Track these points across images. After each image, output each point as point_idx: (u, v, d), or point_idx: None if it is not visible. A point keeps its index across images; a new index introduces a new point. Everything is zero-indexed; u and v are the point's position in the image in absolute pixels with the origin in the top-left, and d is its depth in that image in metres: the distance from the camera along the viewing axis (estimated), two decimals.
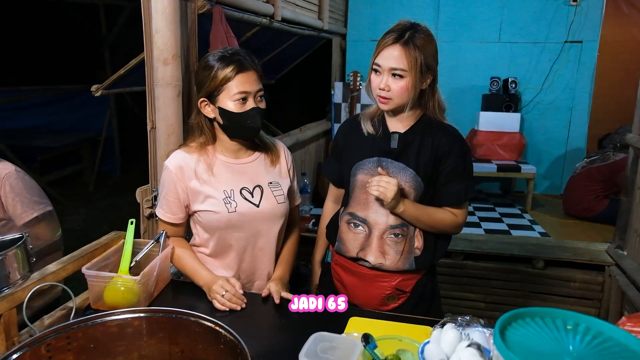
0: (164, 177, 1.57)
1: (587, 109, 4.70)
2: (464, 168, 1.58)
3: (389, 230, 1.57)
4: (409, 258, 1.59)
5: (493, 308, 3.16)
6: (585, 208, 3.98)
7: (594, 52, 4.60)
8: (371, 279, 1.62)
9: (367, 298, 1.64)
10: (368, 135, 1.60)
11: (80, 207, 5.37)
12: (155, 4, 1.86)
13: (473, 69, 4.83)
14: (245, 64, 1.46)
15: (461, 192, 1.57)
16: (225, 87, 1.45)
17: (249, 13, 2.76)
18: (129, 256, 1.51)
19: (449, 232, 1.65)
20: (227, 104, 1.46)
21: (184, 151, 1.58)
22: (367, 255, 1.60)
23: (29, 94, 6.10)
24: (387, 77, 1.47)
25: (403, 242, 1.58)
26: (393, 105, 1.50)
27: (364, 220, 1.60)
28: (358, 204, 1.61)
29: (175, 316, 1.16)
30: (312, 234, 3.41)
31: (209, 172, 1.55)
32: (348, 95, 4.62)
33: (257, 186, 1.59)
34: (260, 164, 1.63)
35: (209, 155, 1.57)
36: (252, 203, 1.57)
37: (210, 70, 1.46)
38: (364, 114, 1.64)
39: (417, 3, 4.86)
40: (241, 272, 1.65)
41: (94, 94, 2.51)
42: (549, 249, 3.19)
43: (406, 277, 1.61)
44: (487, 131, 4.63)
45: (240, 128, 1.51)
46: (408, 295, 1.64)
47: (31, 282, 1.27)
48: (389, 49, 1.46)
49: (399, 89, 1.47)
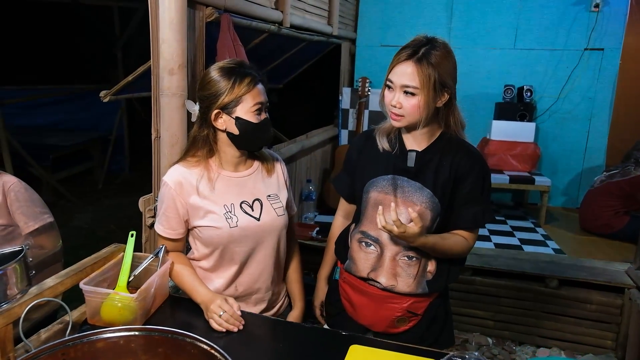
0: (163, 192, 1.55)
1: (608, 120, 4.56)
2: (482, 190, 1.53)
3: (402, 252, 1.53)
4: (422, 282, 1.55)
5: (502, 327, 3.06)
6: (603, 224, 3.81)
7: (615, 60, 4.46)
8: (382, 300, 1.57)
9: (376, 319, 1.60)
10: (383, 152, 1.55)
11: (88, 204, 5.42)
12: (163, 14, 1.84)
13: (486, 76, 4.74)
14: (257, 77, 1.51)
15: (478, 216, 1.52)
16: (243, 99, 1.48)
17: (257, 20, 2.73)
18: (127, 271, 1.48)
19: (458, 257, 1.60)
20: (246, 115, 1.49)
21: (183, 166, 1.55)
22: (378, 277, 1.55)
23: (43, 92, 6.17)
24: (399, 94, 1.43)
25: (417, 266, 1.53)
26: (405, 122, 1.46)
27: (376, 239, 1.55)
28: (370, 222, 1.56)
29: (171, 336, 1.15)
30: (315, 242, 3.42)
31: (210, 187, 1.54)
32: (356, 101, 4.56)
33: (256, 199, 1.59)
34: (258, 176, 1.63)
35: (210, 169, 1.55)
36: (253, 217, 1.56)
37: (226, 82, 1.48)
38: (380, 129, 1.59)
39: (429, 8, 4.79)
40: (239, 285, 1.63)
41: (103, 99, 2.50)
42: (564, 268, 3.08)
43: (418, 300, 1.57)
44: (500, 140, 4.52)
45: (254, 138, 1.53)
46: (420, 317, 1.59)
47: (29, 297, 1.25)
48: (402, 65, 1.42)
49: (411, 107, 1.42)
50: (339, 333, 1.47)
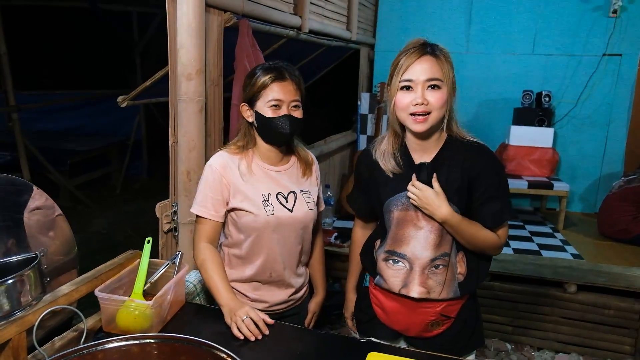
0: (207, 176, 1.61)
1: (626, 125, 4.53)
2: (499, 186, 1.48)
3: (429, 264, 1.50)
4: (453, 285, 1.52)
5: (520, 332, 3.05)
6: (622, 229, 3.80)
7: (634, 66, 4.43)
8: (415, 306, 1.55)
9: (410, 324, 1.58)
10: (393, 174, 1.52)
11: (107, 209, 5.44)
12: (181, 19, 1.84)
13: (505, 81, 4.71)
14: (284, 73, 1.56)
15: (497, 213, 1.47)
16: (262, 94, 1.56)
17: (276, 26, 2.73)
18: (143, 277, 1.48)
19: (490, 253, 1.55)
20: (263, 109, 1.56)
21: (226, 152, 1.64)
22: (410, 292, 1.52)
23: (61, 97, 6.23)
24: (422, 90, 1.38)
25: (445, 272, 1.51)
26: (431, 121, 1.40)
27: (404, 255, 1.53)
28: (395, 241, 1.53)
29: (188, 344, 1.15)
30: (334, 248, 3.39)
31: (250, 175, 1.62)
32: (375, 106, 4.55)
33: (291, 192, 1.67)
34: (293, 173, 1.71)
35: (249, 157, 1.64)
36: (287, 208, 1.64)
37: (252, 78, 1.59)
38: (378, 152, 1.54)
39: (448, 13, 4.78)
40: (273, 271, 1.67)
41: (120, 104, 2.50)
42: (582, 273, 3.05)
43: (451, 303, 1.55)
44: (519, 146, 4.49)
45: (271, 132, 1.59)
46: (453, 320, 1.57)
47: (43, 304, 1.25)
48: (420, 61, 1.39)
49: (437, 101, 1.38)
50: (357, 340, 1.45)
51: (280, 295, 1.71)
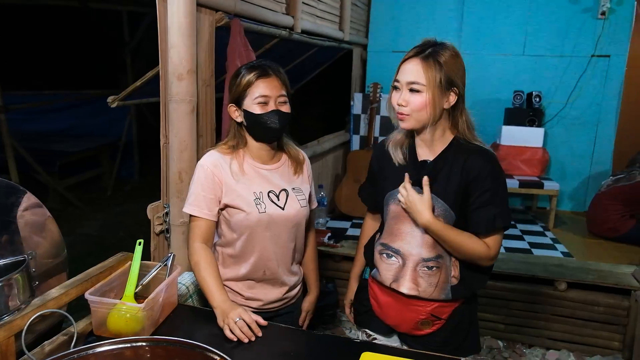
0: (199, 175, 1.61)
1: (614, 125, 4.57)
2: (496, 192, 1.46)
3: (422, 262, 1.52)
4: (445, 288, 1.53)
5: (513, 330, 3.08)
6: (610, 228, 3.85)
7: (621, 67, 4.47)
8: (407, 302, 1.57)
9: (401, 320, 1.61)
10: (399, 164, 1.55)
11: (97, 211, 5.38)
12: (172, 19, 1.83)
13: (496, 82, 4.73)
14: (267, 70, 1.57)
15: (491, 219, 1.45)
16: (249, 92, 1.56)
17: (268, 25, 2.72)
18: (134, 280, 1.46)
19: (479, 263, 1.51)
20: (251, 107, 1.56)
21: (217, 151, 1.64)
22: (400, 287, 1.55)
23: (51, 98, 6.15)
24: (405, 92, 1.42)
25: (437, 274, 1.52)
26: (412, 122, 1.44)
27: (397, 251, 1.55)
28: (390, 234, 1.58)
29: (180, 346, 1.14)
30: (328, 248, 3.39)
31: (241, 174, 1.62)
32: (367, 106, 4.55)
33: (283, 190, 1.67)
34: (284, 171, 1.71)
35: (240, 157, 1.64)
36: (278, 206, 1.64)
37: (237, 78, 1.60)
38: (391, 141, 1.59)
39: (440, 14, 4.80)
40: (267, 269, 1.67)
41: (110, 105, 2.48)
42: (572, 271, 3.09)
43: (443, 305, 1.56)
44: (510, 145, 4.53)
45: (261, 129, 1.59)
46: (443, 322, 1.58)
47: (31, 308, 1.23)
48: (408, 63, 1.42)
49: (417, 105, 1.41)
50: (350, 340, 1.46)
51: (274, 293, 1.71)
